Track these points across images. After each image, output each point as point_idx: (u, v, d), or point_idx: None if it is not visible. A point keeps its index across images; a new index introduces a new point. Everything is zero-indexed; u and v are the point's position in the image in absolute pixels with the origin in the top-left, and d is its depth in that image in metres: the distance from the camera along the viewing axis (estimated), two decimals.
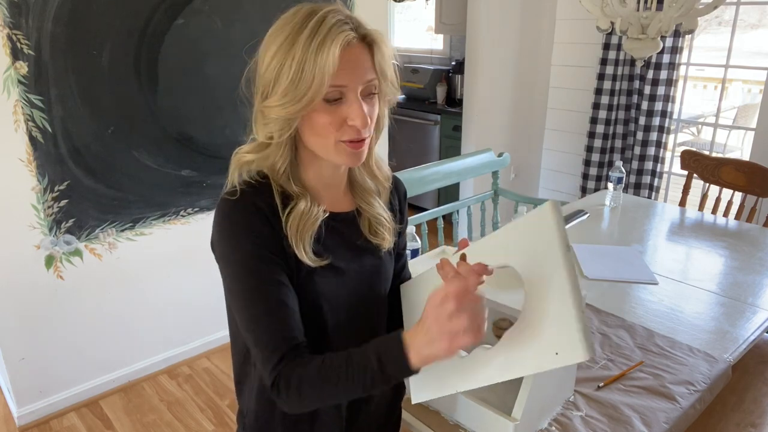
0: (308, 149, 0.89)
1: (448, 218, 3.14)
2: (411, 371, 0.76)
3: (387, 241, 0.98)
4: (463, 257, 0.85)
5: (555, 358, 0.72)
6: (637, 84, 3.34)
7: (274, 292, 0.83)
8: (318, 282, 0.89)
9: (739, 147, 5.30)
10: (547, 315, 0.74)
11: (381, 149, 3.00)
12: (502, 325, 1.37)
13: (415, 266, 1.19)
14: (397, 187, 1.07)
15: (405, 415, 1.18)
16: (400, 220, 1.07)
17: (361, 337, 0.95)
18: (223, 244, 0.85)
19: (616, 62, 3.38)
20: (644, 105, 3.30)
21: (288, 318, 0.83)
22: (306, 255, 0.86)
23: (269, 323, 0.82)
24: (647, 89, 3.27)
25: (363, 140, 0.85)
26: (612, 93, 3.44)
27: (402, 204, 1.08)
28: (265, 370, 0.81)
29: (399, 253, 1.08)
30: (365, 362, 0.77)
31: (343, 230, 0.95)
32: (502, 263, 0.81)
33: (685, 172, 2.62)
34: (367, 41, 0.83)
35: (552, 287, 0.73)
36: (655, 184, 3.44)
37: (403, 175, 2.02)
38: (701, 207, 2.54)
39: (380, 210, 0.99)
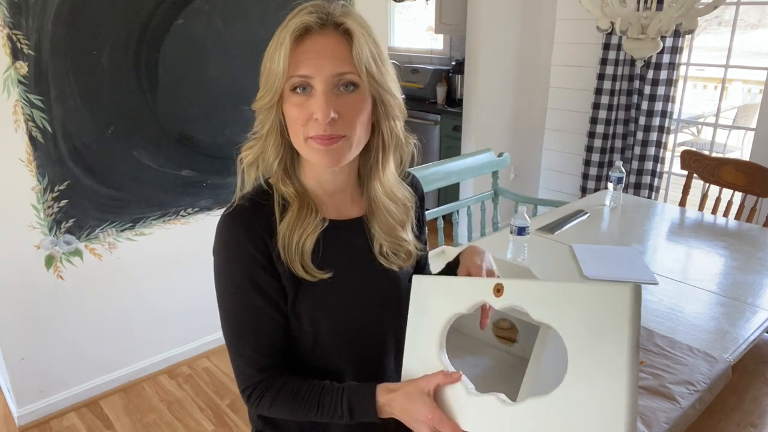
0: None
1: (448, 218, 3.14)
2: (378, 421, 0.84)
3: (404, 261, 0.93)
4: (499, 287, 0.79)
5: None
6: (637, 84, 3.34)
7: (252, 319, 0.86)
8: (319, 294, 0.87)
9: (739, 147, 5.30)
10: (594, 404, 0.68)
11: None
12: (502, 325, 1.37)
13: None
14: (415, 190, 1.01)
15: None
16: (419, 226, 1.02)
17: (368, 348, 0.92)
18: (215, 262, 0.88)
19: (616, 62, 3.38)
20: (644, 105, 3.30)
21: (263, 345, 0.87)
22: (303, 270, 0.84)
23: (244, 349, 0.87)
24: (647, 89, 3.27)
25: (333, 137, 0.79)
26: (612, 93, 3.44)
27: (420, 208, 1.03)
28: (239, 386, 0.89)
29: (418, 259, 1.00)
30: (335, 406, 0.84)
31: (347, 238, 0.91)
32: (541, 319, 0.74)
33: (685, 172, 2.62)
34: (341, 30, 0.79)
35: (606, 377, 0.67)
36: (655, 184, 3.44)
37: None
38: (701, 207, 2.54)
39: (401, 233, 0.93)
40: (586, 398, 0.69)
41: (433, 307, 0.86)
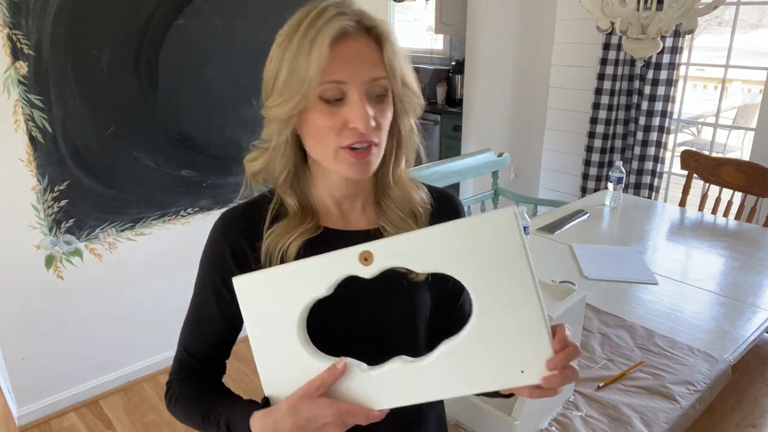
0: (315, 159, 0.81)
1: None
2: None
3: (415, 274, 0.78)
4: (366, 255, 0.67)
5: (520, 377, 0.66)
6: (637, 84, 3.34)
7: (198, 318, 0.88)
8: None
9: (739, 147, 5.30)
10: (511, 334, 0.66)
11: None
12: None
13: None
14: (446, 207, 0.91)
15: None
16: None
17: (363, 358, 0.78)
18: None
19: (616, 62, 3.38)
20: (644, 105, 3.30)
21: (195, 347, 0.90)
22: None
23: (186, 338, 0.91)
24: (647, 89, 3.27)
25: (368, 149, 0.75)
26: (612, 93, 3.44)
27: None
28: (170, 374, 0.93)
29: (451, 286, 0.85)
30: (217, 424, 0.81)
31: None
32: (427, 270, 0.67)
33: (685, 172, 2.62)
34: (373, 34, 0.75)
35: (517, 305, 0.65)
36: (655, 184, 3.44)
37: None
38: (701, 207, 2.54)
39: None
40: (501, 331, 0.66)
41: (279, 302, 0.72)
